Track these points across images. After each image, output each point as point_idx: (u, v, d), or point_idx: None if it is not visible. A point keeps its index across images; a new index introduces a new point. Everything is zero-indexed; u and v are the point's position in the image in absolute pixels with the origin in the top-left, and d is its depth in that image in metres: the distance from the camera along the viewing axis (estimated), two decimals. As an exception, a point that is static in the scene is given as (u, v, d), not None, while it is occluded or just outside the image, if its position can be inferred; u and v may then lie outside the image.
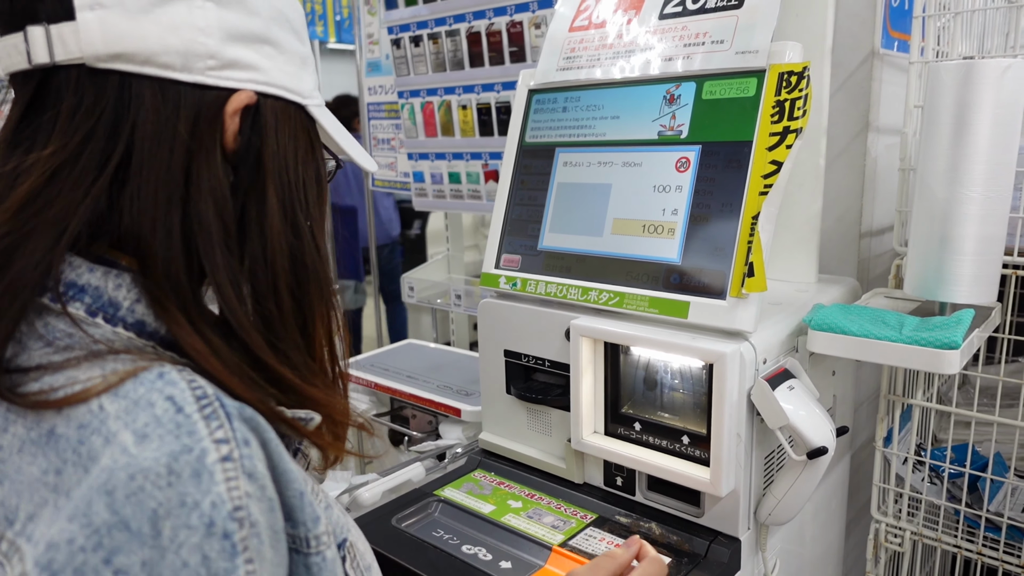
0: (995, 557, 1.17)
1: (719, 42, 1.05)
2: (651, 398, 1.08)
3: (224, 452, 0.46)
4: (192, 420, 0.46)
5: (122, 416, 0.45)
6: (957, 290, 1.04)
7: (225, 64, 0.56)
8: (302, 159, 0.61)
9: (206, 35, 0.55)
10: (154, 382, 0.47)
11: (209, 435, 0.46)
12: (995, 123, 0.99)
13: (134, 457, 0.43)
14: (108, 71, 0.52)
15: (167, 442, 0.44)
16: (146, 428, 0.45)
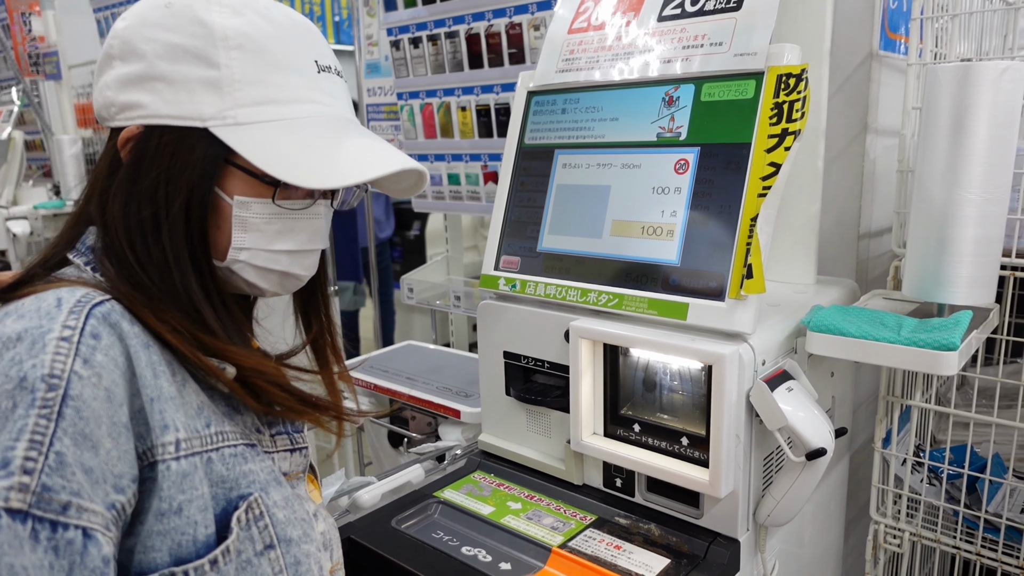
0: (994, 558, 1.17)
1: (718, 44, 1.05)
2: (650, 399, 1.09)
3: (64, 334, 0.58)
4: (59, 311, 0.59)
5: (24, 308, 0.60)
6: (955, 291, 1.04)
7: (121, 108, 0.71)
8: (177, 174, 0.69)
9: (109, 89, 0.71)
10: (61, 291, 0.62)
11: (62, 322, 0.58)
12: (992, 125, 0.99)
13: (3, 328, 0.58)
14: None
15: (30, 320, 0.58)
16: (27, 312, 0.59)
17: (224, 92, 0.68)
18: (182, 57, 0.68)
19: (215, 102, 0.68)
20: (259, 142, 0.69)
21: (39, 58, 3.62)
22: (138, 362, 0.62)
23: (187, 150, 0.69)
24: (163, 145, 0.69)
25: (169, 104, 0.68)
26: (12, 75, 3.71)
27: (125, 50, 0.70)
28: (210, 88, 0.68)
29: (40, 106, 3.65)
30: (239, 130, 0.69)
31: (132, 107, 0.70)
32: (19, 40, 3.63)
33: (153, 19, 0.70)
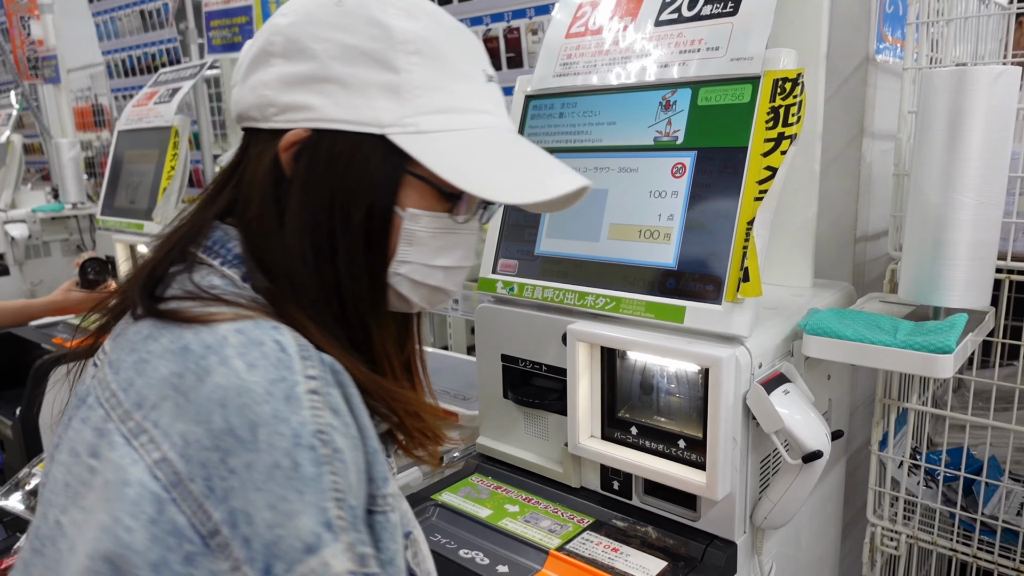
0: (990, 560, 1.18)
1: (714, 49, 1.05)
2: (647, 402, 1.09)
3: (312, 386, 0.55)
4: (291, 358, 0.56)
5: (238, 348, 0.55)
6: (951, 294, 1.04)
7: (284, 109, 0.65)
8: (354, 184, 0.65)
9: (268, 88, 0.65)
10: (268, 330, 0.57)
11: (302, 371, 0.55)
12: (987, 129, 1.00)
13: (243, 380, 0.53)
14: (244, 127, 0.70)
15: (268, 372, 0.54)
16: (255, 360, 0.55)
17: (404, 98, 0.64)
18: (359, 59, 0.64)
19: (394, 108, 0.64)
20: (442, 152, 0.65)
21: (38, 62, 3.62)
22: (360, 412, 0.60)
23: (364, 158, 0.64)
24: (338, 152, 0.64)
25: (343, 108, 0.64)
26: (11, 79, 3.72)
27: (291, 48, 0.65)
28: (389, 93, 0.64)
29: (39, 110, 3.65)
30: (421, 139, 0.65)
31: (298, 108, 0.64)
32: (18, 44, 3.63)
33: (324, 17, 0.65)
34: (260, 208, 0.66)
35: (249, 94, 0.67)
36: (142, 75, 3.14)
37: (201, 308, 0.60)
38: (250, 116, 0.67)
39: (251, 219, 0.66)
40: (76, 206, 3.34)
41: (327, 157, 0.64)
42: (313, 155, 0.65)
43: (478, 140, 0.68)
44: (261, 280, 0.65)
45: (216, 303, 0.61)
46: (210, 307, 0.60)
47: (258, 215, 0.66)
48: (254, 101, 0.66)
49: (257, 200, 0.66)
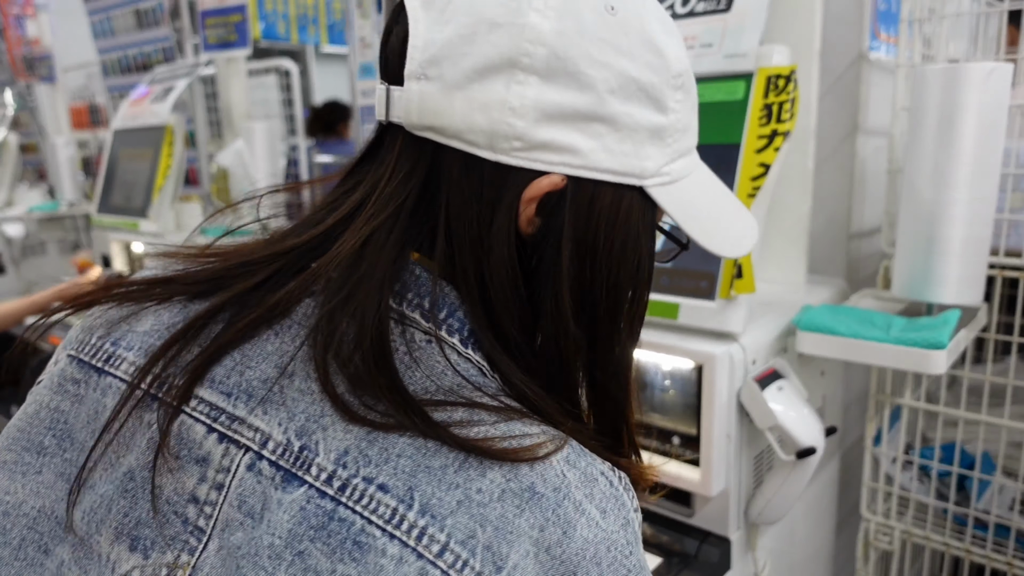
0: (983, 555, 1.18)
1: (707, 45, 1.06)
2: (641, 399, 1.09)
3: (639, 520, 0.53)
4: (620, 494, 0.51)
5: (581, 487, 0.48)
6: (944, 291, 1.05)
7: (533, 146, 0.50)
8: (619, 248, 0.54)
9: (517, 116, 0.49)
10: (584, 455, 0.50)
11: (632, 505, 0.52)
12: (980, 126, 1.00)
13: (604, 531, 0.48)
14: (425, 139, 0.52)
15: (617, 515, 0.49)
16: (603, 503, 0.49)
17: (665, 143, 0.53)
18: (636, 96, 0.51)
19: (657, 156, 0.53)
20: (684, 202, 0.55)
21: (33, 61, 3.62)
22: None
23: (626, 214, 0.53)
24: (601, 207, 0.52)
25: (613, 155, 0.51)
26: (6, 78, 3.71)
27: (558, 68, 0.49)
28: (656, 139, 0.53)
29: (34, 109, 3.65)
30: (672, 189, 0.55)
31: (557, 149, 0.50)
32: (13, 43, 3.63)
33: (600, 32, 0.50)
34: (504, 270, 0.52)
35: (476, 112, 0.50)
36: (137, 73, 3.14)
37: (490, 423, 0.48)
38: (464, 138, 0.50)
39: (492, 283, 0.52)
40: (72, 205, 3.33)
41: (587, 213, 0.52)
42: (575, 210, 0.52)
43: (701, 185, 0.58)
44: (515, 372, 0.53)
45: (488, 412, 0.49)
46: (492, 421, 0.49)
47: (503, 279, 0.52)
48: (485, 125, 0.50)
49: (500, 258, 0.52)
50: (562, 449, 0.48)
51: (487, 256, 0.52)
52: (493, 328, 0.53)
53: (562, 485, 0.47)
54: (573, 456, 0.49)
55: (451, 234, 0.52)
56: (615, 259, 0.53)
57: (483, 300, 0.52)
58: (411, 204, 0.52)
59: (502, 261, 0.52)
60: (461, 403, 0.49)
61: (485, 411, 0.49)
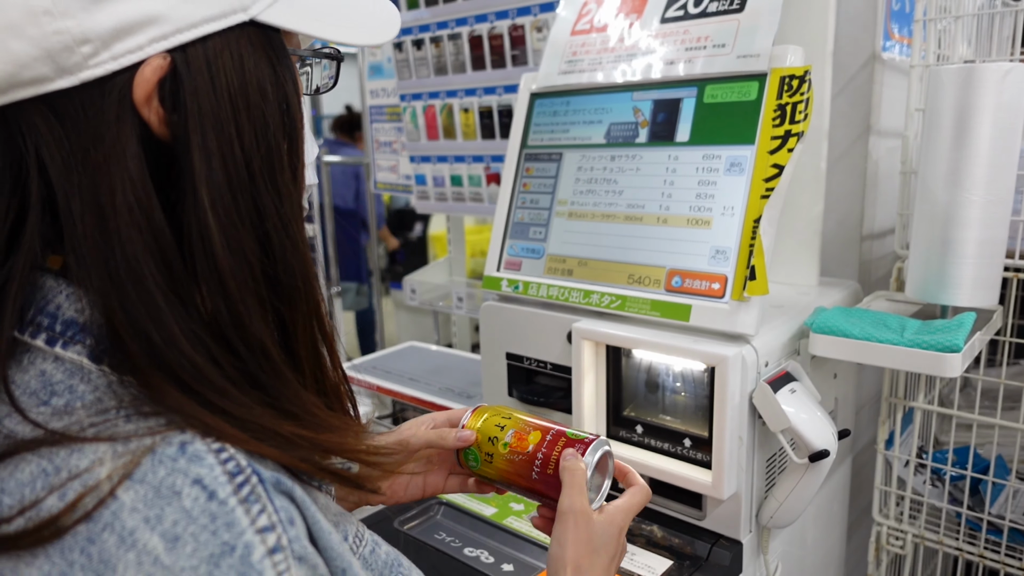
0: (997, 560, 1.17)
1: (721, 46, 1.05)
2: (653, 401, 1.09)
3: (271, 543, 0.38)
4: (228, 508, 0.38)
5: (141, 509, 0.36)
6: (958, 293, 1.04)
7: (107, 40, 0.41)
8: (262, 100, 0.46)
9: (58, 17, 0.40)
10: (176, 460, 0.38)
11: (251, 525, 0.38)
12: (996, 126, 0.99)
13: (168, 569, 0.35)
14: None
15: (204, 543, 0.36)
16: (176, 528, 0.36)
17: None
18: None
19: None
20: (303, 10, 0.47)
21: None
22: (320, 532, 0.44)
23: (252, 62, 0.45)
24: (220, 67, 0.44)
25: (197, 2, 0.43)
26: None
27: None
28: None
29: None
30: (283, 5, 0.46)
31: (134, 29, 0.41)
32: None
33: None
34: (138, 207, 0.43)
35: (12, 41, 0.40)
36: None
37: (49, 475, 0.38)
38: (25, 80, 0.41)
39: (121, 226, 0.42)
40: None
41: (210, 80, 0.43)
42: (194, 85, 0.43)
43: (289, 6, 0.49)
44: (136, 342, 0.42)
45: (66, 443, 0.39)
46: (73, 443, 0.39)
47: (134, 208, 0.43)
48: (33, 50, 0.40)
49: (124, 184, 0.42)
50: (130, 470, 0.37)
51: (110, 193, 0.42)
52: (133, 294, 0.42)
53: (104, 512, 0.36)
54: (147, 467, 0.37)
55: (64, 200, 0.43)
56: (260, 113, 0.45)
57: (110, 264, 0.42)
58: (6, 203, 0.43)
59: (129, 188, 0.42)
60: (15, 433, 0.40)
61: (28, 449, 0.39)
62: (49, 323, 0.44)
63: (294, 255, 0.48)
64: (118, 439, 0.39)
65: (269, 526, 0.39)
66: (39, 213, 0.43)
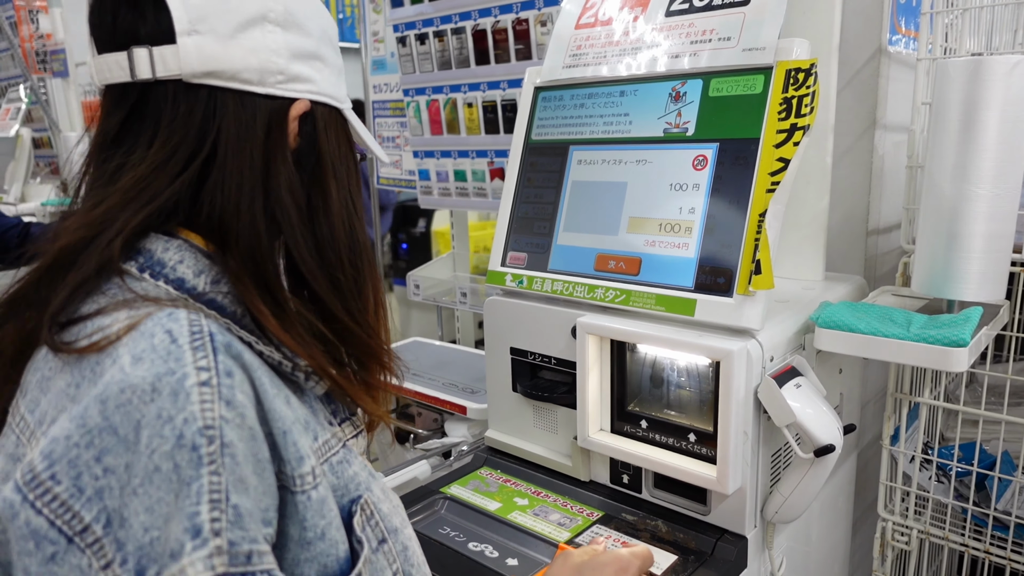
0: (1002, 556, 1.17)
1: (726, 39, 1.04)
2: (657, 396, 1.08)
3: (203, 378, 0.52)
4: (181, 349, 0.53)
5: (128, 344, 0.53)
6: (965, 288, 1.03)
7: (290, 78, 0.67)
8: (344, 154, 0.73)
9: (277, 55, 0.66)
10: (161, 319, 0.55)
11: (193, 362, 0.53)
12: (1003, 120, 0.98)
13: (127, 375, 0.51)
14: (200, 85, 0.64)
15: (156, 365, 0.52)
16: (142, 353, 0.53)
17: (342, 80, 0.74)
18: (329, 44, 0.72)
19: (342, 87, 0.74)
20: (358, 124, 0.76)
21: (46, 55, 3.63)
22: (265, 394, 0.58)
23: (343, 127, 0.74)
24: (330, 122, 0.71)
25: (331, 84, 0.71)
26: (20, 72, 3.73)
27: (289, 21, 0.68)
28: (340, 75, 0.74)
29: (47, 103, 3.66)
30: (350, 114, 0.75)
31: (303, 80, 0.68)
32: (27, 37, 3.64)
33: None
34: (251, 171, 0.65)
35: (249, 55, 0.65)
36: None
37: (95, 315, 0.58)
38: (240, 77, 0.65)
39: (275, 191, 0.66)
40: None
41: (324, 127, 0.71)
42: (316, 125, 0.70)
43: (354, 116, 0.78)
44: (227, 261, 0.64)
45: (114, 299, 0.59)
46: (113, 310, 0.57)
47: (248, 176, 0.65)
48: (256, 64, 0.65)
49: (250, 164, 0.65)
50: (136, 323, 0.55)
51: (275, 162, 0.66)
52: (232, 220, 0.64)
53: (110, 347, 0.54)
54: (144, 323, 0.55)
55: (227, 161, 0.64)
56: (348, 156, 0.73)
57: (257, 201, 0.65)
58: (190, 144, 0.63)
59: (287, 162, 0.67)
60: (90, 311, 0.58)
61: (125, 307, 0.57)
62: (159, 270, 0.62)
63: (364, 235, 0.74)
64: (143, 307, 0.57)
65: (205, 367, 0.53)
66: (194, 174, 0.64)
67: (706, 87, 1.06)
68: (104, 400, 0.51)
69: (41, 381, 0.58)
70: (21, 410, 0.58)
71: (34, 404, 0.57)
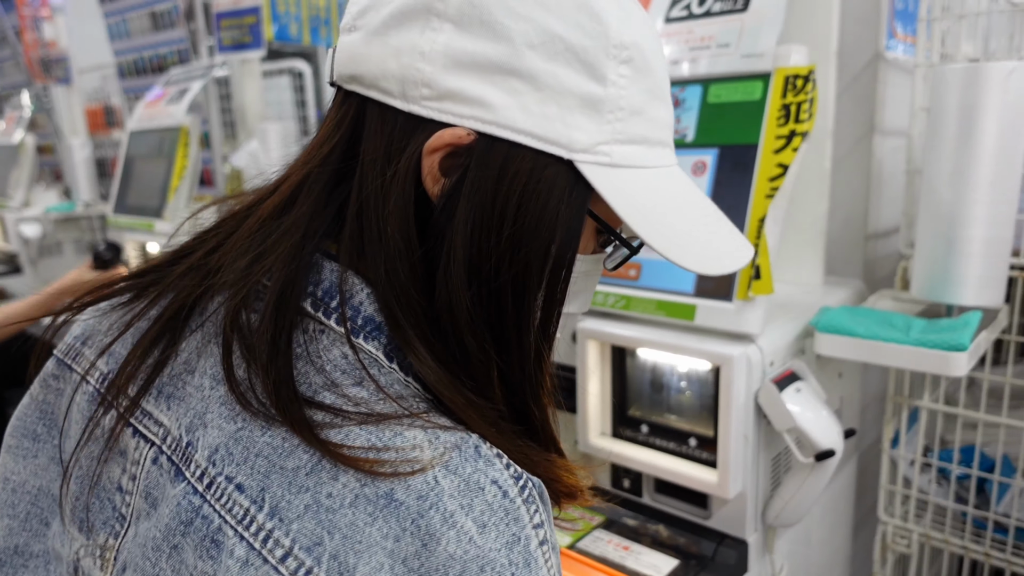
0: (1002, 558, 1.17)
1: (725, 45, 1.05)
2: (658, 400, 1.09)
3: (542, 536, 0.46)
4: (516, 506, 0.45)
5: (457, 497, 0.44)
6: (964, 292, 1.04)
7: (442, 95, 0.48)
8: (532, 222, 0.49)
9: (426, 60, 0.48)
10: (476, 460, 0.45)
11: (530, 521, 0.46)
12: (1001, 125, 0.99)
13: (480, 548, 0.43)
14: (351, 93, 0.51)
15: (502, 532, 0.44)
16: (483, 516, 0.44)
17: (604, 119, 0.49)
18: (563, 56, 0.48)
19: (592, 130, 0.49)
20: (629, 193, 0.51)
21: (50, 63, 3.65)
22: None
23: (548, 185, 0.49)
24: (515, 171, 0.48)
25: (532, 116, 0.48)
26: (23, 80, 3.74)
27: (472, 15, 0.47)
28: (589, 109, 0.49)
29: (51, 111, 3.68)
30: (611, 173, 0.50)
31: (467, 101, 0.48)
32: (30, 45, 3.66)
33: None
34: (401, 231, 0.49)
35: (390, 58, 0.48)
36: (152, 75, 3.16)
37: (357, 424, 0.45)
38: (379, 86, 0.49)
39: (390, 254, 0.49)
40: (88, 205, 3.36)
41: (498, 174, 0.48)
42: (481, 168, 0.48)
43: (661, 183, 0.54)
44: (424, 357, 0.49)
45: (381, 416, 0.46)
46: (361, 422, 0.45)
47: (399, 246, 0.49)
48: (396, 70, 0.48)
49: (397, 220, 0.49)
50: (446, 458, 0.44)
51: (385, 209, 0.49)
52: (404, 311, 0.49)
53: (430, 493, 0.43)
54: (458, 462, 0.44)
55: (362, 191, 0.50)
56: (524, 233, 0.48)
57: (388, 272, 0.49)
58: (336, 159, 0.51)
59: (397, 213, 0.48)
60: (337, 403, 0.46)
61: (360, 413, 0.46)
62: (352, 315, 0.49)
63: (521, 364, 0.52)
64: (428, 429, 0.46)
65: (540, 523, 0.46)
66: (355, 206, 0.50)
67: (705, 93, 1.06)
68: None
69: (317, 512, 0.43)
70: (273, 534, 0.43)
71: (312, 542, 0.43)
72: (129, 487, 0.51)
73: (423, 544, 0.42)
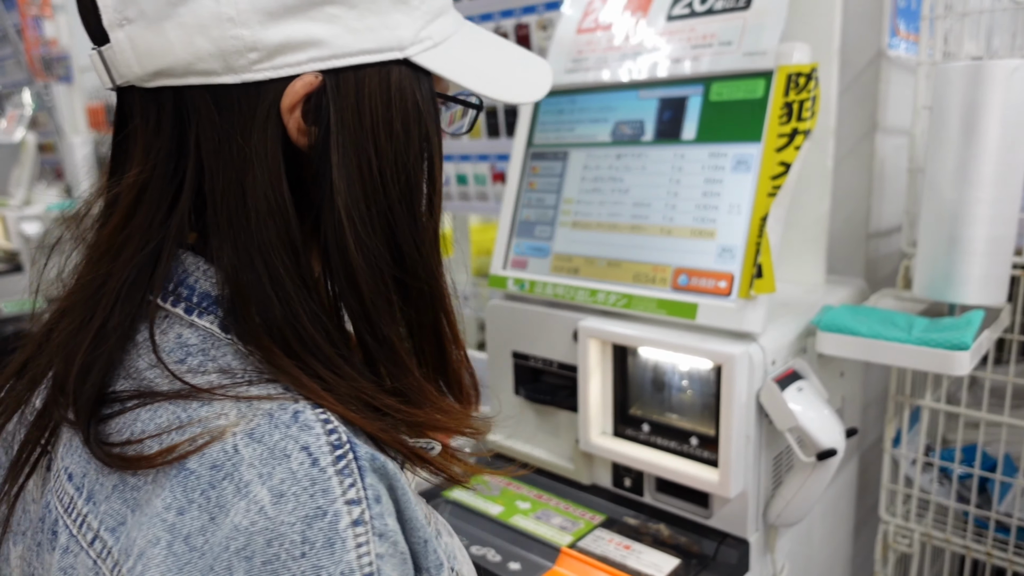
0: (1004, 558, 1.17)
1: (727, 43, 1.05)
2: (659, 399, 1.09)
3: (355, 515, 0.42)
4: (326, 476, 0.42)
5: (257, 466, 0.41)
6: (967, 291, 1.03)
7: (272, 51, 0.46)
8: (402, 129, 0.50)
9: (239, 25, 0.45)
10: (289, 427, 0.43)
11: (342, 495, 0.42)
12: (1004, 124, 0.99)
13: (271, 520, 0.40)
14: (159, 89, 0.48)
15: (303, 503, 0.41)
16: (282, 486, 0.41)
17: (412, 6, 0.50)
18: None
19: (408, 23, 0.50)
20: (458, 60, 0.53)
21: (51, 61, 3.65)
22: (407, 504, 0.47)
23: (400, 93, 0.50)
24: (369, 93, 0.49)
25: (359, 35, 0.48)
26: (24, 78, 3.74)
27: None
28: (399, 4, 0.50)
29: (52, 109, 3.68)
30: (440, 51, 0.52)
31: (297, 47, 0.47)
32: (31, 44, 3.66)
33: None
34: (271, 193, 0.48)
35: (196, 36, 0.45)
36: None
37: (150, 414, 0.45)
38: (197, 70, 0.46)
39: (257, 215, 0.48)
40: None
41: (356, 104, 0.48)
42: (340, 106, 0.48)
43: (472, 40, 0.56)
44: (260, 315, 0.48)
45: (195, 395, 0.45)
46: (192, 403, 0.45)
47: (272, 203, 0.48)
48: (210, 47, 0.45)
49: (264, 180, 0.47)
50: (251, 425, 0.43)
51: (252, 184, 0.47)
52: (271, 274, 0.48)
53: (226, 462, 0.41)
54: (265, 428, 0.42)
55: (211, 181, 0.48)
56: (401, 142, 0.50)
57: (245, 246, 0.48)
58: (163, 168, 0.48)
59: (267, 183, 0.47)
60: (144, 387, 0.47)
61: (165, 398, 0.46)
62: (188, 295, 0.50)
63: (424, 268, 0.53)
64: (241, 400, 0.45)
65: (356, 499, 0.43)
66: (191, 192, 0.49)
67: (707, 91, 1.06)
68: (250, 557, 0.40)
69: (121, 489, 0.44)
70: (87, 518, 0.45)
71: (116, 522, 0.44)
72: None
73: (211, 518, 0.40)
